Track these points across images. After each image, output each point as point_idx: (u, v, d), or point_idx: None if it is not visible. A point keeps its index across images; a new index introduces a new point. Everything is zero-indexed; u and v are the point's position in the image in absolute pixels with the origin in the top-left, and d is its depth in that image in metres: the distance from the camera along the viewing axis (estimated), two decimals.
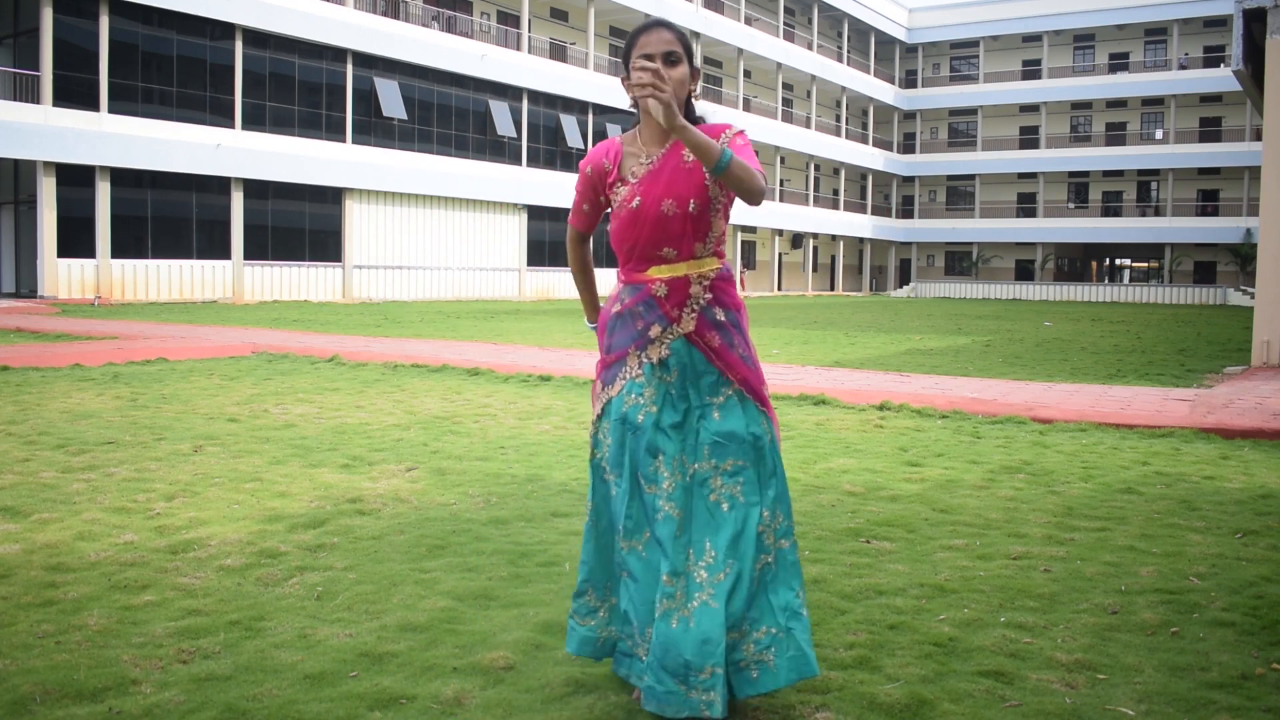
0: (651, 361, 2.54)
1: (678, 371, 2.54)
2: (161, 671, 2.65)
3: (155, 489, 4.71)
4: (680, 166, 2.53)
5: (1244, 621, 3.15)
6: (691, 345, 2.55)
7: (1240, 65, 12.64)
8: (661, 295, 2.54)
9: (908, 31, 58.79)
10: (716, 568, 2.43)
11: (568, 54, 38.58)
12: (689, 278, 2.54)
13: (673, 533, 2.45)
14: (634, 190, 2.54)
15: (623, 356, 2.58)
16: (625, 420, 2.53)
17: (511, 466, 5.44)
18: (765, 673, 2.41)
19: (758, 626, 2.45)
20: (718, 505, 2.46)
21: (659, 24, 2.56)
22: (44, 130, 23.06)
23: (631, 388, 2.54)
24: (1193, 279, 53.11)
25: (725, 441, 2.49)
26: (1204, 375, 11.05)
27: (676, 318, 2.54)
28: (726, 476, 2.48)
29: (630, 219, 2.54)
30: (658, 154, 2.56)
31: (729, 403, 2.54)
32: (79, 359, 10.11)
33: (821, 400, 8.13)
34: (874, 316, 26.08)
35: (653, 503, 2.48)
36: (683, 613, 2.40)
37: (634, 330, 2.57)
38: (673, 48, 2.51)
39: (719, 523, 2.46)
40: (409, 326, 17.66)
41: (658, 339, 2.54)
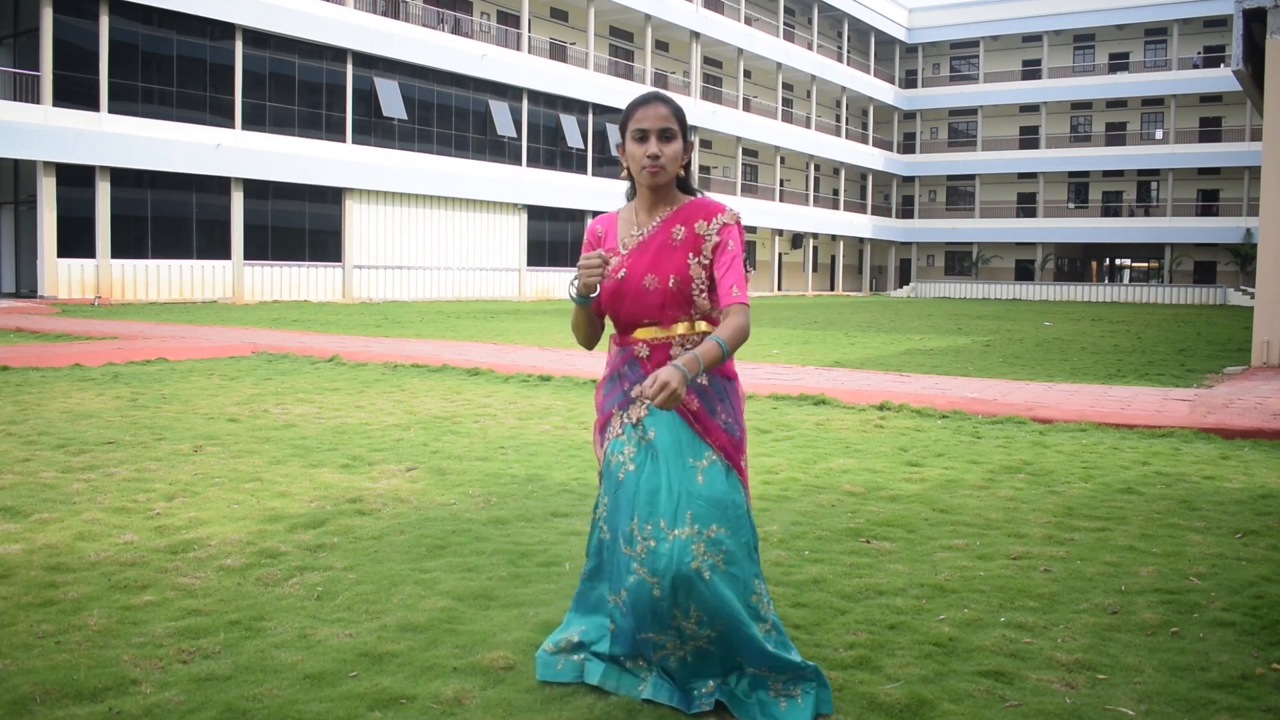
0: (631, 422, 2.59)
1: (654, 432, 2.55)
2: (161, 671, 2.65)
3: (155, 489, 4.71)
4: (667, 243, 2.59)
5: (1244, 621, 3.15)
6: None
7: (1240, 65, 12.64)
8: (644, 356, 2.60)
9: (908, 31, 58.78)
10: (706, 624, 2.46)
11: (568, 54, 38.57)
12: (670, 340, 2.58)
13: (649, 594, 2.46)
14: (622, 261, 2.61)
15: (609, 418, 2.65)
16: (610, 476, 2.60)
17: (511, 466, 5.44)
18: (794, 706, 2.46)
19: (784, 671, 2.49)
20: (699, 573, 2.44)
21: (656, 98, 2.59)
22: (44, 130, 23.06)
23: (614, 446, 2.61)
24: (1193, 279, 53.10)
25: (708, 507, 2.48)
26: (1204, 375, 11.05)
27: None
28: (710, 544, 2.46)
29: (614, 289, 2.60)
30: (649, 227, 2.62)
31: (712, 468, 2.53)
32: (79, 359, 10.11)
33: (821, 400, 8.13)
34: (874, 316, 26.08)
35: (628, 564, 2.51)
36: (679, 654, 2.50)
37: (619, 391, 2.63)
38: (668, 124, 2.55)
39: (704, 589, 2.44)
40: (409, 326, 17.66)
41: (638, 399, 2.58)
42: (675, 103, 2.60)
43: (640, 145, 2.55)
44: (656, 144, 2.54)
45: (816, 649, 2.87)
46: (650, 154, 2.54)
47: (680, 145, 2.58)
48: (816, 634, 2.99)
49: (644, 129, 2.54)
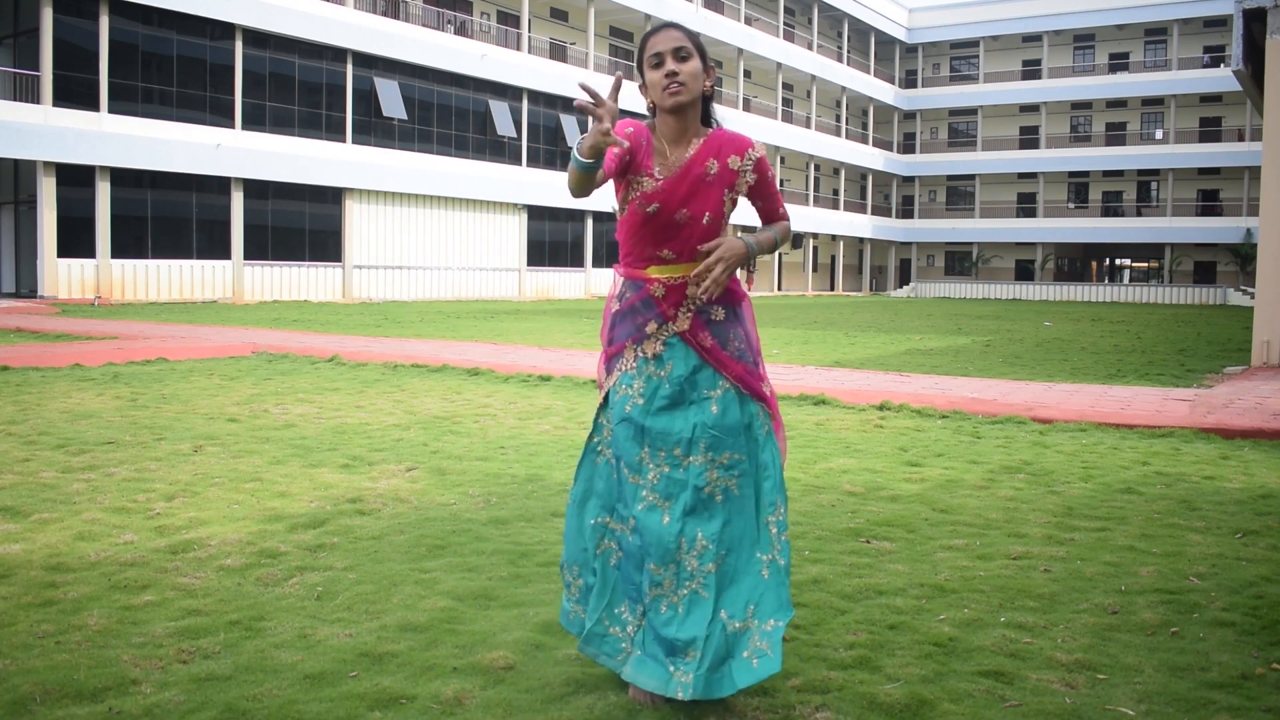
0: (646, 356, 2.60)
1: (671, 365, 2.58)
2: (161, 671, 2.65)
3: (155, 489, 4.71)
4: (702, 178, 2.57)
5: (1244, 621, 3.15)
6: (685, 343, 2.60)
7: (1240, 65, 12.64)
8: (659, 295, 2.60)
9: (908, 31, 58.78)
10: (707, 558, 2.48)
11: (568, 54, 38.58)
12: (685, 280, 2.59)
13: (658, 521, 2.49)
14: (655, 193, 2.56)
15: (621, 349, 2.64)
16: (617, 408, 2.59)
17: (511, 466, 5.44)
18: (765, 659, 2.45)
19: (766, 619, 2.48)
20: (711, 497, 2.51)
21: (667, 25, 2.59)
22: (44, 130, 23.06)
23: (623, 379, 2.61)
24: (1193, 279, 53.11)
25: (721, 435, 2.53)
26: (1204, 375, 11.05)
27: (672, 316, 2.60)
28: (722, 470, 2.52)
29: (643, 220, 2.58)
30: (683, 158, 2.59)
31: (725, 396, 2.58)
32: (79, 359, 10.11)
33: (821, 400, 8.13)
34: (874, 316, 26.08)
35: (635, 492, 2.53)
36: (671, 599, 2.48)
37: (633, 325, 2.62)
38: (681, 43, 2.53)
39: (712, 513, 2.50)
40: (409, 326, 17.66)
41: (653, 335, 2.60)
42: (688, 28, 2.59)
43: (657, 70, 2.54)
44: (673, 63, 2.52)
45: (816, 649, 2.87)
46: (668, 72, 2.51)
47: (698, 64, 2.54)
48: (816, 634, 2.99)
49: (659, 52, 2.53)
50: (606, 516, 2.63)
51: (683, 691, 2.40)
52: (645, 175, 2.56)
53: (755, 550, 2.54)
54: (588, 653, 2.59)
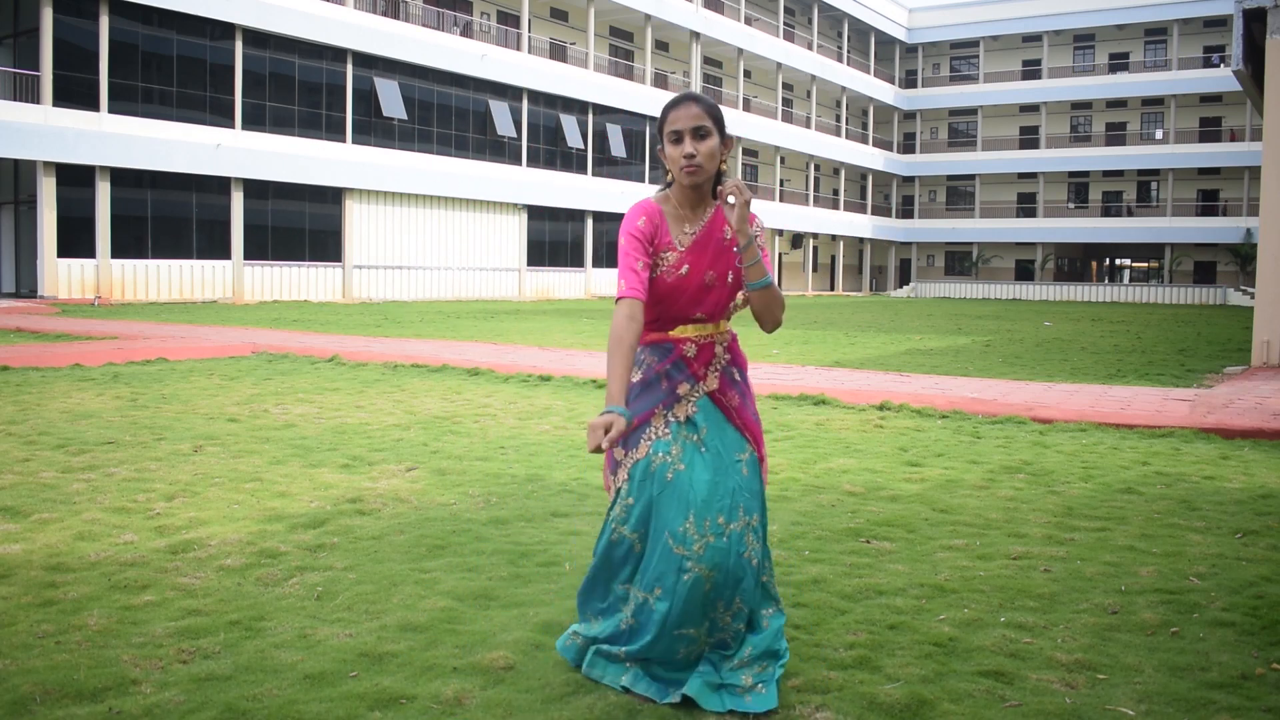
0: (679, 420, 2.63)
1: (705, 429, 2.63)
2: (161, 671, 2.65)
3: (155, 489, 4.71)
4: (722, 240, 2.66)
5: (1244, 621, 3.15)
6: (715, 404, 2.68)
7: (1240, 65, 12.64)
8: (691, 356, 2.67)
9: (908, 31, 58.77)
10: (740, 619, 2.60)
11: (568, 54, 38.58)
12: (714, 339, 2.69)
13: (701, 592, 2.50)
14: (683, 258, 2.63)
15: (647, 419, 2.63)
16: (654, 478, 2.56)
17: (511, 466, 5.44)
18: (758, 698, 2.54)
19: (758, 664, 2.59)
20: (749, 561, 2.61)
21: (688, 99, 2.63)
22: (44, 130, 23.06)
23: (658, 447, 2.59)
24: (1193, 279, 53.11)
25: (751, 499, 2.64)
26: (1204, 375, 11.05)
27: (703, 376, 2.68)
28: (753, 534, 2.63)
29: (677, 285, 2.63)
30: (701, 224, 2.67)
31: (751, 460, 2.69)
32: (79, 359, 10.11)
33: (821, 400, 8.13)
34: (874, 316, 26.08)
35: (680, 563, 2.49)
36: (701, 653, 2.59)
37: (661, 391, 2.65)
38: (701, 122, 2.58)
39: (744, 574, 2.60)
40: (409, 326, 17.66)
41: (685, 397, 2.65)
42: (709, 101, 2.63)
43: (676, 147, 2.60)
44: (691, 143, 2.57)
45: (816, 649, 2.87)
46: (686, 154, 2.58)
47: (716, 142, 2.60)
48: (816, 634, 2.99)
49: (678, 130, 2.59)
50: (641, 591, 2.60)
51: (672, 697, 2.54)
52: (668, 250, 2.64)
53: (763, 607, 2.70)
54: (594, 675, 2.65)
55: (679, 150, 2.59)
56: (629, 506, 2.59)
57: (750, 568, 2.60)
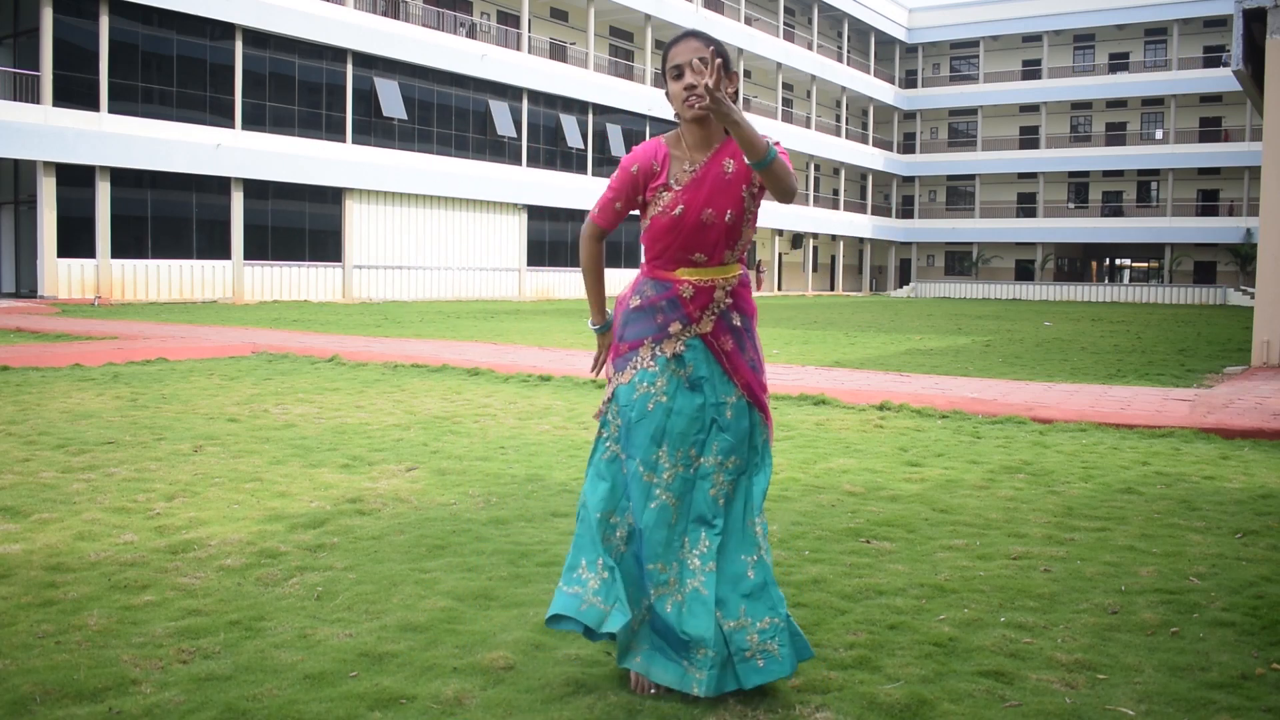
0: (666, 355, 2.66)
1: (692, 366, 2.66)
2: (161, 671, 2.65)
3: (155, 489, 4.71)
4: (721, 177, 2.63)
5: (1244, 621, 3.15)
6: (706, 345, 2.67)
7: (1240, 65, 12.64)
8: (688, 296, 2.65)
9: (908, 31, 58.77)
10: (709, 557, 2.58)
11: (568, 54, 38.58)
12: (715, 283, 2.66)
13: (667, 520, 2.59)
14: (678, 197, 2.62)
15: (636, 347, 2.68)
16: (635, 405, 2.64)
17: (511, 466, 5.44)
18: (772, 661, 2.52)
19: (760, 617, 2.56)
20: (715, 500, 2.62)
21: (690, 34, 2.64)
22: (44, 130, 23.06)
23: (643, 376, 2.65)
24: (1193, 279, 53.11)
25: (733, 440, 2.64)
26: (1204, 375, 11.05)
27: (697, 318, 2.67)
28: (727, 474, 2.63)
29: (671, 225, 2.63)
30: (701, 161, 2.64)
31: (738, 404, 2.68)
32: (79, 359, 10.11)
33: (821, 400, 8.13)
34: (874, 316, 26.08)
35: (648, 490, 2.60)
36: (676, 597, 2.57)
37: (653, 324, 2.67)
38: (701, 54, 2.57)
39: (715, 515, 2.61)
40: (409, 326, 17.66)
41: (676, 335, 2.66)
42: (710, 36, 2.62)
43: (678, 81, 2.59)
44: (692, 75, 2.56)
45: (816, 649, 2.87)
46: (687, 84, 2.56)
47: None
48: (816, 634, 2.99)
49: (679, 64, 2.58)
50: (613, 513, 2.64)
51: (699, 688, 2.49)
52: (663, 190, 2.64)
53: (741, 552, 2.63)
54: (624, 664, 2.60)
55: (680, 84, 2.58)
56: (617, 427, 2.67)
57: (716, 505, 2.59)
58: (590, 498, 2.65)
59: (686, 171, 2.63)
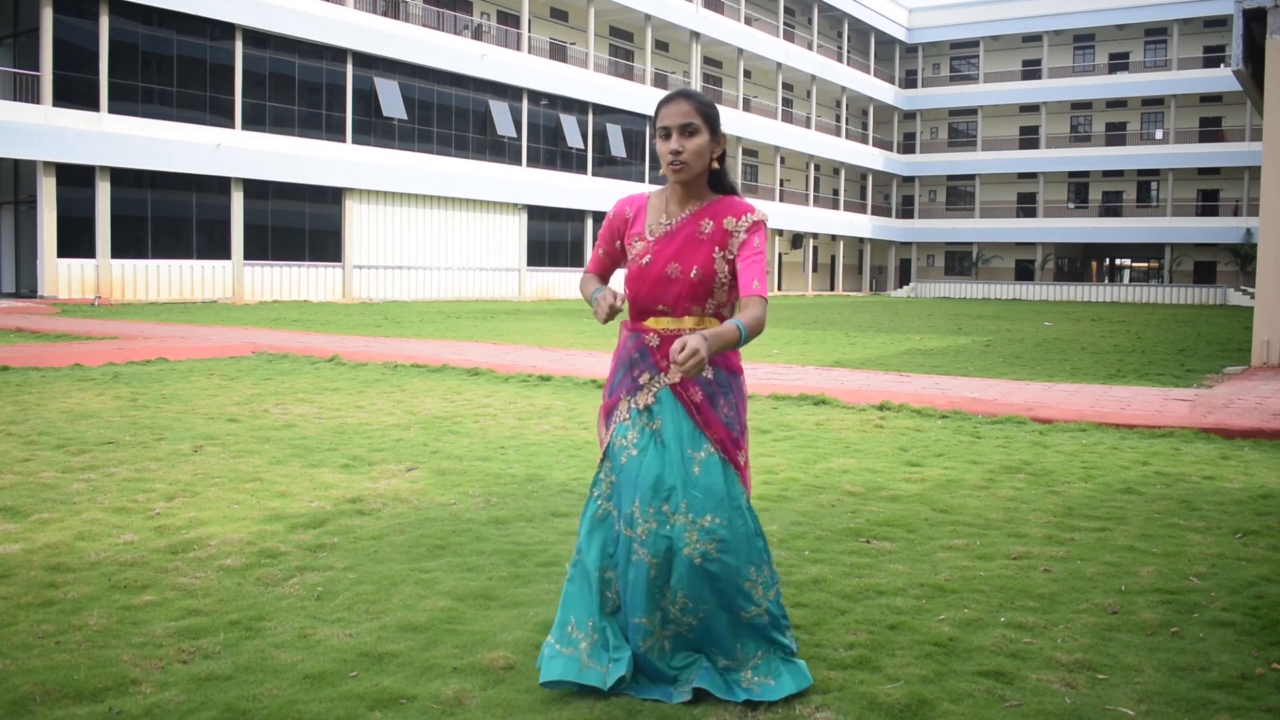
0: (638, 408, 2.66)
1: (661, 420, 2.64)
2: (161, 671, 2.65)
3: (155, 489, 4.71)
4: (694, 236, 2.66)
5: (1244, 621, 3.15)
6: (675, 397, 2.65)
7: (1240, 65, 12.64)
8: (654, 346, 2.67)
9: (908, 31, 58.76)
10: (688, 614, 2.57)
11: (568, 54, 38.58)
12: (681, 331, 2.65)
13: (646, 576, 2.55)
14: (648, 247, 2.68)
15: (617, 402, 2.71)
16: (614, 459, 2.66)
17: (511, 466, 5.43)
18: (767, 690, 2.54)
19: (752, 656, 2.58)
20: (691, 559, 2.55)
21: (679, 95, 2.65)
22: (44, 130, 23.05)
23: (619, 431, 2.68)
24: (1193, 279, 53.10)
25: (702, 498, 2.57)
26: (1204, 375, 11.05)
27: (665, 368, 2.66)
28: (702, 533, 2.55)
29: (638, 273, 2.68)
30: (679, 217, 2.69)
31: (709, 460, 2.61)
32: (79, 359, 10.11)
33: (821, 400, 8.13)
34: (874, 316, 26.08)
35: (629, 546, 2.59)
36: (662, 643, 2.58)
37: (629, 376, 2.70)
38: (689, 120, 2.61)
39: (693, 574, 2.55)
40: (409, 326, 17.66)
41: (645, 386, 2.66)
42: (701, 98, 2.66)
43: (664, 143, 2.63)
44: (678, 140, 2.60)
45: (816, 649, 2.87)
46: (672, 149, 2.61)
47: (705, 140, 2.63)
48: (816, 634, 2.99)
49: (666, 126, 2.62)
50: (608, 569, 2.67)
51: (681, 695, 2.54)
52: (636, 239, 2.71)
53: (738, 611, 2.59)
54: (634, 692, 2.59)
55: (665, 146, 2.62)
56: (607, 482, 2.70)
57: (693, 565, 2.52)
58: (588, 553, 2.67)
59: (662, 224, 2.69)
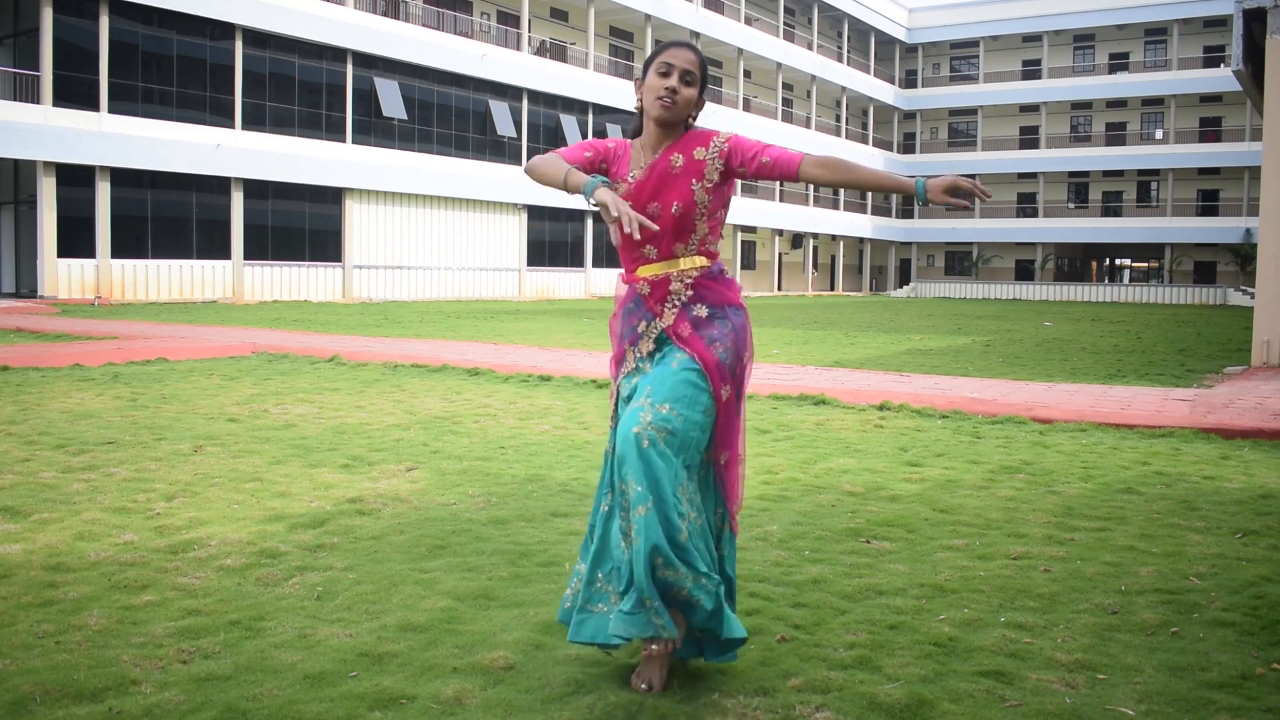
0: (642, 355, 2.73)
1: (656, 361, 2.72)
2: (161, 671, 2.65)
3: (155, 489, 4.71)
4: (668, 171, 2.70)
5: (1244, 621, 3.15)
6: (669, 338, 2.72)
7: (1240, 65, 12.64)
8: (645, 293, 2.73)
9: (908, 31, 58.75)
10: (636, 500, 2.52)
11: (568, 54, 38.57)
12: (669, 276, 2.72)
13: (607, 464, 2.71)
14: (628, 191, 2.71)
15: (623, 353, 2.78)
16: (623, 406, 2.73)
17: (511, 466, 5.43)
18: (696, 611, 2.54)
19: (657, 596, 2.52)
20: (639, 439, 2.53)
21: (687, 45, 2.73)
22: (44, 130, 23.05)
23: (625, 381, 2.76)
24: (1193, 279, 53.10)
25: (670, 388, 2.58)
26: (1204, 375, 11.05)
27: (659, 313, 2.72)
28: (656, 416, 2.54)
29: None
30: (652, 159, 2.75)
31: (687, 363, 2.64)
32: (79, 359, 10.11)
33: (821, 400, 8.13)
34: (874, 316, 26.08)
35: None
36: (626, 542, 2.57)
37: (629, 326, 2.76)
38: (692, 69, 2.68)
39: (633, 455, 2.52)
40: (409, 326, 17.66)
41: (644, 333, 2.73)
42: (704, 55, 2.74)
43: (662, 78, 2.66)
44: (677, 81, 2.66)
45: (816, 649, 2.87)
46: (669, 87, 2.65)
47: (696, 92, 2.70)
48: (816, 634, 2.99)
49: (670, 64, 2.67)
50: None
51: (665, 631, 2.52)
52: (620, 181, 2.73)
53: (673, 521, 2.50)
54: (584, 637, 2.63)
55: (662, 82, 2.65)
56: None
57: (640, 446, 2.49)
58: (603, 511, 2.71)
59: (640, 168, 2.74)
